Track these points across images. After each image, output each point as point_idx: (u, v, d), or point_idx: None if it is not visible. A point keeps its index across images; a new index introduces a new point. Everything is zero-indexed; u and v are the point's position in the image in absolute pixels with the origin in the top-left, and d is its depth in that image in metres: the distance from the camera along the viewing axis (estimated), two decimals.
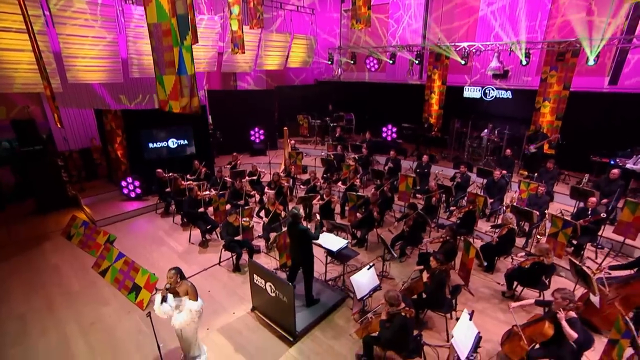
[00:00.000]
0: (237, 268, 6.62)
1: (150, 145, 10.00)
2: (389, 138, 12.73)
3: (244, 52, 10.72)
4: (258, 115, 13.69)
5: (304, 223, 6.72)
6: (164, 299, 4.08)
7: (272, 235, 6.59)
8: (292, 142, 12.02)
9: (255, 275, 5.23)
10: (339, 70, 14.54)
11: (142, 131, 9.80)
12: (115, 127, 9.92)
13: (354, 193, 7.99)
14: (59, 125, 8.90)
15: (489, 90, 10.99)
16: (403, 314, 4.07)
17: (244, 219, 6.74)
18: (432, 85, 12.05)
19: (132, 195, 9.79)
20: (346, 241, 6.03)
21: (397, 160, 9.97)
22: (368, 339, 4.49)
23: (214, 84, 14.20)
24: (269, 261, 6.53)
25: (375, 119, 13.07)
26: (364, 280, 5.25)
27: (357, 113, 14.14)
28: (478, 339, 3.93)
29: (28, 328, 5.02)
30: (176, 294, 4.20)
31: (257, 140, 13.30)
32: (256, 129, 13.49)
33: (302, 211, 6.22)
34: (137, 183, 9.71)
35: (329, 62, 14.72)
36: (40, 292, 5.88)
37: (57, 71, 9.76)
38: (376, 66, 13.32)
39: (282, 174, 9.19)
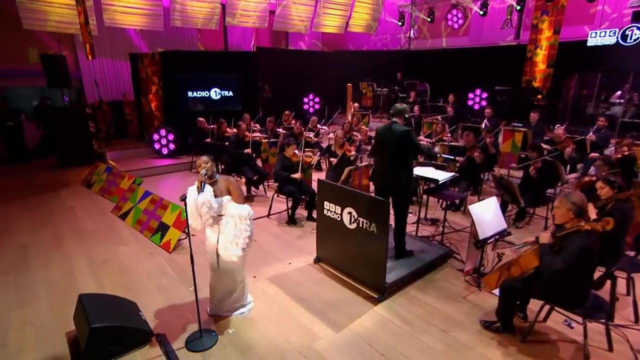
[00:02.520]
0: (292, 220, 5.82)
1: (190, 93, 9.58)
2: (476, 106, 11.35)
3: None
4: (313, 81, 12.99)
5: None
6: (201, 188, 3.14)
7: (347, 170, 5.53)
8: (356, 104, 11.07)
9: (326, 203, 4.29)
10: (411, 31, 13.56)
11: (181, 76, 9.40)
12: (151, 74, 9.59)
13: (445, 143, 6.83)
14: (89, 57, 8.64)
15: (632, 30, 9.04)
16: (587, 228, 2.75)
17: (307, 154, 5.84)
18: (538, 38, 10.63)
19: (165, 151, 9.33)
20: (452, 173, 4.85)
21: (494, 120, 8.62)
22: (512, 285, 3.19)
23: (263, 44, 13.79)
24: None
25: (457, 89, 11.79)
26: (486, 215, 4.03)
27: (433, 84, 12.96)
28: None
29: (29, 259, 4.82)
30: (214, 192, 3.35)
31: (311, 110, 12.52)
32: (310, 96, 12.75)
33: None
34: (171, 137, 9.24)
35: (399, 24, 13.82)
36: (49, 228, 5.73)
37: (93, 10, 9.67)
38: (461, 21, 12.19)
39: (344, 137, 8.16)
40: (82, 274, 4.43)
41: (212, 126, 8.44)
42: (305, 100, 12.67)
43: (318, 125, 9.17)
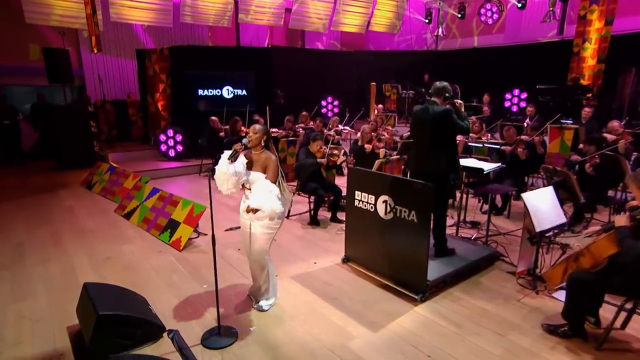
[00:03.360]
0: (314, 220, 5.77)
1: (200, 91, 9.76)
2: (514, 108, 11.24)
3: None
4: (332, 83, 13.07)
5: None
6: (234, 156, 3.17)
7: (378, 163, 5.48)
8: (380, 106, 11.08)
9: (357, 193, 4.26)
10: (439, 29, 13.64)
11: (191, 72, 9.60)
12: (159, 71, 9.82)
13: (484, 140, 6.75)
14: (95, 51, 8.87)
15: None
16: None
17: (333, 152, 5.84)
18: (587, 30, 10.53)
19: (172, 153, 9.45)
20: (497, 164, 4.75)
21: (539, 119, 8.50)
22: (583, 277, 3.03)
23: (278, 43, 14.02)
24: None
25: (491, 90, 11.70)
26: (543, 205, 3.89)
27: (464, 85, 12.93)
28: None
29: (25, 256, 4.86)
30: (250, 163, 3.38)
31: (330, 114, 12.56)
32: (329, 99, 12.82)
33: None
34: (179, 137, 9.36)
35: (426, 21, 13.95)
36: (46, 227, 5.79)
37: (99, 5, 9.99)
38: (495, 16, 12.23)
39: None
40: (83, 270, 4.42)
41: (225, 126, 8.55)
42: (324, 103, 12.74)
43: (339, 126, 9.17)
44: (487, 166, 4.61)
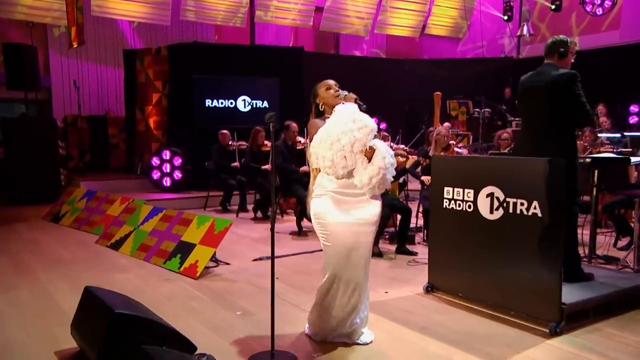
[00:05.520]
0: (377, 252, 5.87)
1: (208, 102, 10.19)
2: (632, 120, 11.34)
3: None
4: (376, 98, 13.42)
5: None
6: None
7: None
8: (447, 124, 11.26)
9: (446, 191, 4.34)
10: (524, 29, 14.08)
11: (198, 77, 10.06)
12: (153, 77, 10.38)
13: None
14: (74, 44, 9.45)
15: None
16: None
17: (399, 152, 6.11)
18: None
19: (167, 182, 9.74)
20: None
21: None
22: None
23: (307, 46, 14.63)
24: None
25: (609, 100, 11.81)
26: None
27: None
28: None
29: None
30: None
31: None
32: (374, 120, 13.12)
33: None
34: (177, 161, 9.67)
35: (505, 18, 14.46)
36: (3, 259, 5.95)
37: None
38: (608, 3, 12.57)
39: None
40: (63, 294, 4.59)
41: (238, 143, 8.81)
42: None
43: (393, 144, 9.32)
44: (635, 158, 4.64)
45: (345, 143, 3.22)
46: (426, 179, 6.52)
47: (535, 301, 3.80)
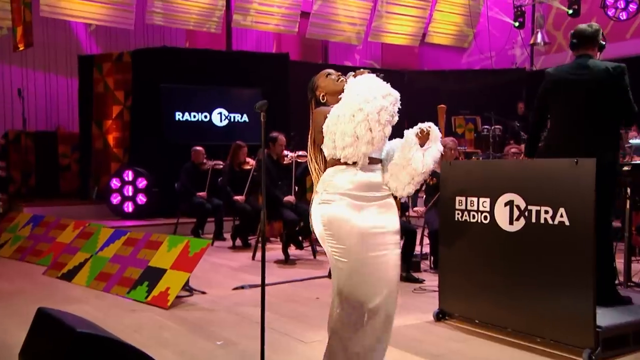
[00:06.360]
0: None
1: (178, 115, 10.27)
2: None
3: None
4: None
5: None
6: None
7: None
8: (453, 139, 11.37)
9: (458, 201, 4.40)
10: (538, 36, 14.37)
11: (166, 87, 10.15)
12: (113, 87, 10.47)
13: None
14: (21, 47, 9.44)
15: None
16: None
17: None
18: None
19: (129, 208, 9.74)
20: None
21: None
22: None
23: (292, 55, 14.78)
24: None
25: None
26: None
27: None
28: None
29: None
30: None
31: None
32: None
33: None
34: (142, 183, 9.70)
35: (515, 24, 14.74)
36: None
37: None
38: (633, 7, 12.83)
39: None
40: (6, 329, 4.59)
41: (214, 162, 8.87)
42: None
43: None
44: None
45: (369, 111, 2.86)
46: (420, 210, 6.80)
47: (565, 325, 3.81)
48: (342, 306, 2.99)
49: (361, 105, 2.89)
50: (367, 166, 2.97)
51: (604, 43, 4.35)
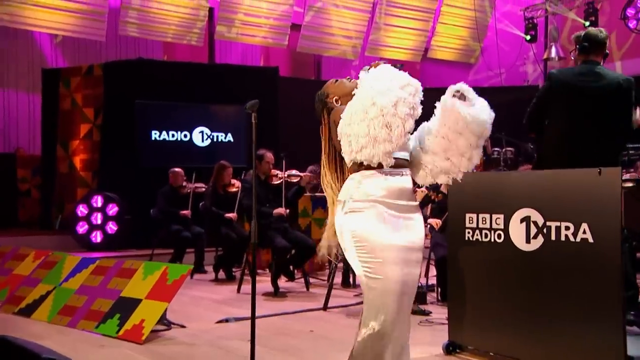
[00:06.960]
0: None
1: (155, 134, 10.32)
2: None
3: None
4: None
5: None
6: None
7: None
8: None
9: (468, 218, 4.41)
10: (551, 51, 14.53)
11: (141, 104, 10.21)
12: (81, 104, 10.52)
13: None
14: None
15: None
16: None
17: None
18: None
19: (97, 238, 9.72)
20: None
21: None
22: None
23: (282, 70, 14.87)
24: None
25: None
26: None
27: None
28: None
29: None
30: None
31: None
32: None
33: None
34: (112, 210, 9.70)
35: (527, 38, 14.91)
36: None
37: None
38: None
39: None
40: None
41: (194, 185, 8.90)
42: None
43: None
44: None
45: (384, 104, 2.74)
46: (434, 222, 6.67)
47: (591, 356, 3.79)
48: (366, 333, 2.87)
49: (375, 98, 2.79)
50: (395, 170, 2.92)
51: (607, 52, 4.49)
